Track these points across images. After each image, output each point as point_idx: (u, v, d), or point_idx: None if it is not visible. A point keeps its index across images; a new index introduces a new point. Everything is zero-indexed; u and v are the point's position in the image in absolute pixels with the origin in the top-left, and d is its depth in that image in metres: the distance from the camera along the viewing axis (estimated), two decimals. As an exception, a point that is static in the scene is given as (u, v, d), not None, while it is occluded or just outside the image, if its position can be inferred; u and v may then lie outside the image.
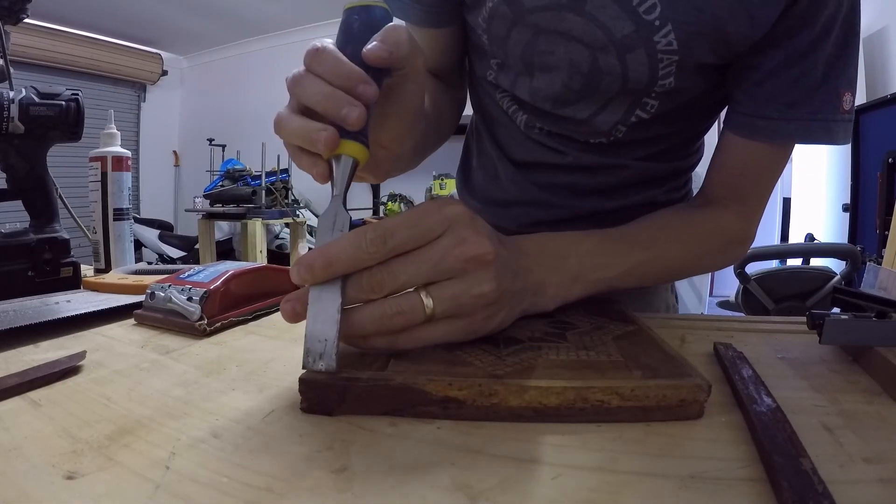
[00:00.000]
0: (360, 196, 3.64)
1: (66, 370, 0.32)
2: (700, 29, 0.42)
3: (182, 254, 3.63)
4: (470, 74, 0.61)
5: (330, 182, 0.31)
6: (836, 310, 0.38)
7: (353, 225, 0.30)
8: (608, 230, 0.44)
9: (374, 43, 0.31)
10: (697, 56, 0.43)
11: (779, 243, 3.30)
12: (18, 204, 0.61)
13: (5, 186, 0.61)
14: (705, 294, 3.00)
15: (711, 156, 0.51)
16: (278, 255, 3.40)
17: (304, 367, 0.27)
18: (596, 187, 0.56)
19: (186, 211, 3.70)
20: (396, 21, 0.33)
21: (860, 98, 2.20)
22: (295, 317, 0.29)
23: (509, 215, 0.60)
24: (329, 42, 0.31)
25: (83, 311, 0.45)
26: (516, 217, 0.60)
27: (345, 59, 0.30)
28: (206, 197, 3.15)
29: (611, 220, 0.58)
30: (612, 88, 0.47)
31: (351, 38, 0.32)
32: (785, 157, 0.49)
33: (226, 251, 3.38)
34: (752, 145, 0.46)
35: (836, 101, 0.43)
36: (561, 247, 0.40)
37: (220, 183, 3.17)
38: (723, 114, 0.52)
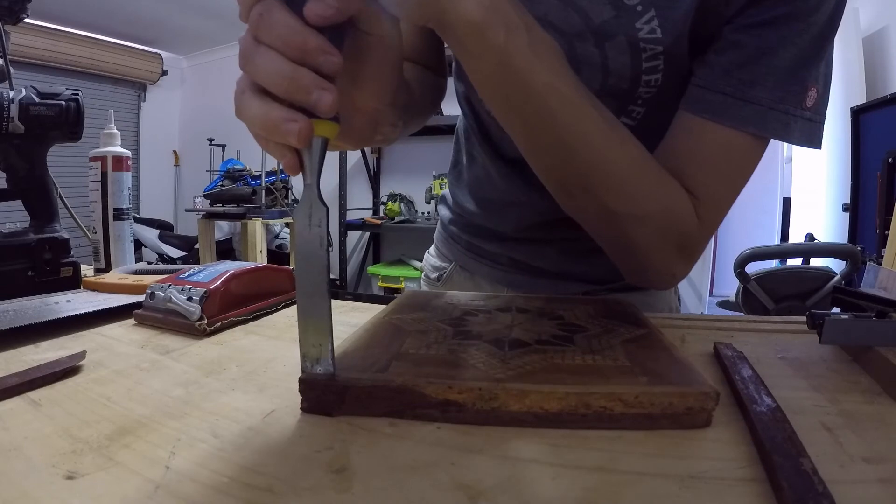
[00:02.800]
0: (359, 196, 3.64)
1: (66, 370, 0.32)
2: (684, 14, 0.39)
3: (182, 254, 3.63)
4: (457, 70, 0.60)
5: (300, 169, 0.27)
6: (836, 310, 0.38)
7: (350, 224, 0.29)
8: (574, 77, 0.36)
9: None
10: (682, 46, 0.40)
11: (779, 243, 3.30)
12: (18, 204, 0.61)
13: (5, 186, 0.61)
14: (705, 294, 3.00)
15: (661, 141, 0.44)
16: (278, 255, 3.39)
17: (303, 371, 0.27)
18: None
19: (186, 211, 3.70)
20: None
21: (860, 98, 2.20)
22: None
23: (506, 217, 0.60)
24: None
25: (83, 311, 0.45)
26: (513, 219, 0.59)
27: (298, 21, 0.25)
28: (206, 197, 3.15)
29: None
30: (593, 84, 0.44)
31: None
32: (746, 151, 0.41)
33: (226, 251, 3.38)
34: (704, 126, 0.40)
35: (801, 94, 0.39)
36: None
37: (220, 183, 3.17)
38: None
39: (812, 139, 0.41)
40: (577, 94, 0.36)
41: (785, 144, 3.52)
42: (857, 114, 2.17)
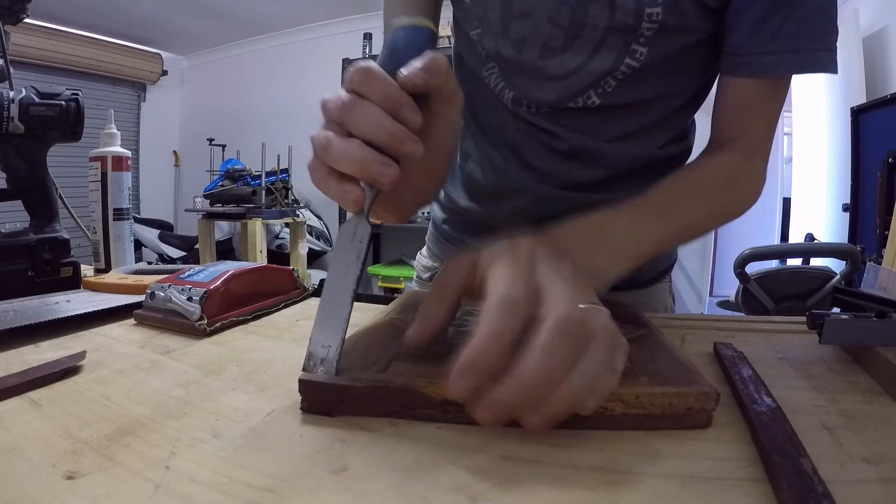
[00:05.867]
0: (360, 196, 3.64)
1: (66, 370, 0.32)
2: None
3: (182, 254, 3.63)
4: (458, 65, 0.60)
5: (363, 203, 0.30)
6: (836, 310, 0.38)
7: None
8: (632, 202, 0.44)
9: (411, 68, 0.30)
10: None
11: (779, 243, 3.30)
12: (18, 204, 0.61)
13: (5, 186, 0.61)
14: (705, 294, 3.00)
15: (713, 105, 0.52)
16: (278, 255, 3.39)
17: (304, 370, 0.27)
18: (589, 179, 0.55)
19: (186, 211, 3.70)
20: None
21: (860, 98, 2.20)
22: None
23: (501, 209, 0.60)
24: (373, 64, 0.31)
25: (83, 311, 0.45)
26: (509, 210, 0.59)
27: (395, 83, 0.30)
28: (206, 197, 3.15)
29: None
30: (602, 21, 0.46)
31: (392, 59, 0.31)
32: (785, 88, 0.49)
33: (226, 251, 3.37)
34: (753, 83, 0.47)
35: (832, 35, 0.45)
36: (595, 228, 0.40)
37: (220, 183, 3.17)
38: (712, 103, 0.52)
39: (835, 66, 0.47)
40: (670, 221, 0.45)
41: (785, 144, 3.53)
42: (857, 114, 2.17)
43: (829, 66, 0.45)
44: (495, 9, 0.49)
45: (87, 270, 0.67)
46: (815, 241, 2.42)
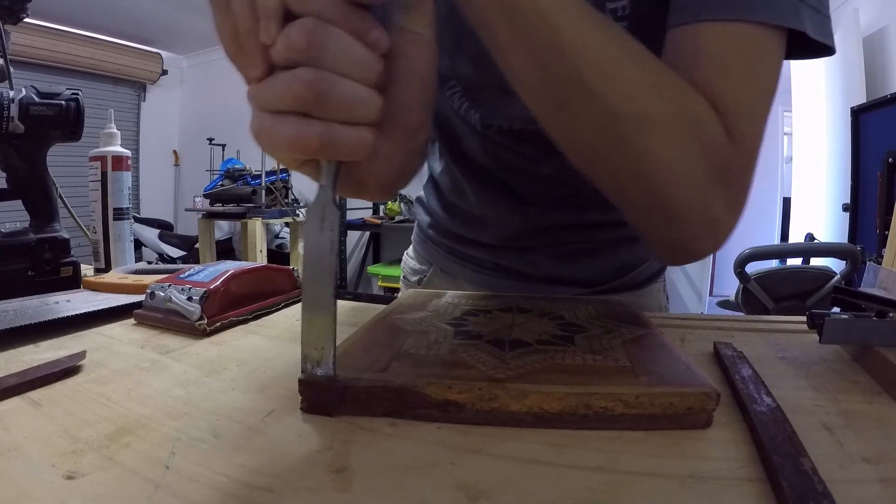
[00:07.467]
0: (360, 196, 3.64)
1: (66, 370, 0.32)
2: None
3: (182, 253, 3.63)
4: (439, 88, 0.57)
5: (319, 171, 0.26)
6: (836, 309, 0.38)
7: (350, 224, 0.28)
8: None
9: None
10: None
11: (779, 243, 3.30)
12: (18, 204, 0.61)
13: (5, 186, 0.61)
14: (705, 294, 3.00)
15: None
16: (278, 255, 3.39)
17: (302, 372, 0.27)
18: (574, 199, 0.53)
19: (186, 210, 3.70)
20: None
21: (860, 98, 2.20)
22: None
23: (486, 230, 0.58)
24: None
25: (83, 311, 0.45)
26: (493, 232, 0.57)
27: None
28: (206, 196, 3.15)
29: (599, 230, 0.55)
30: None
31: None
32: (761, 45, 0.33)
33: (226, 251, 3.38)
34: (705, 29, 0.33)
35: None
36: None
37: (220, 182, 3.17)
38: None
39: (824, 33, 0.34)
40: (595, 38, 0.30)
41: (785, 144, 3.53)
42: (857, 114, 2.17)
43: (790, 16, 0.32)
44: (443, 26, 0.42)
45: (87, 270, 0.67)
46: (815, 241, 2.42)
